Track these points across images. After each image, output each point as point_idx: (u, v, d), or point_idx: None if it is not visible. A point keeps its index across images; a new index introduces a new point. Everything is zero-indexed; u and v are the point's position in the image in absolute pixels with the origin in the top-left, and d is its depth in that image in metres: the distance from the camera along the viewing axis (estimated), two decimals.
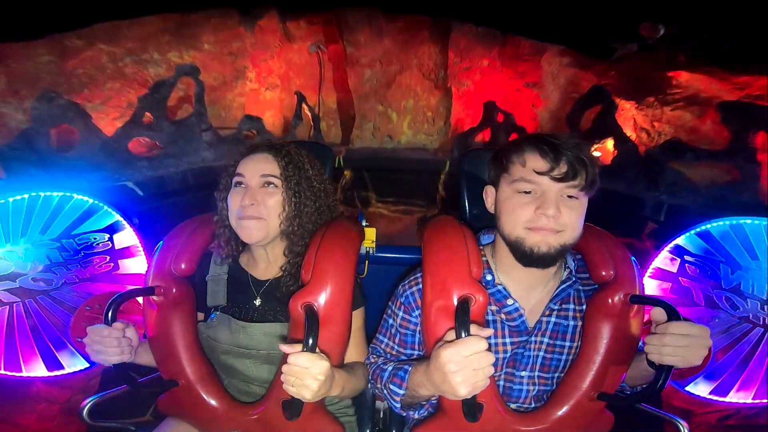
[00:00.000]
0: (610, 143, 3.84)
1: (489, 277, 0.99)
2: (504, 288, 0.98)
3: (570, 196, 0.88)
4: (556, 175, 0.86)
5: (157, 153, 3.59)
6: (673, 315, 0.83)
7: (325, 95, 5.59)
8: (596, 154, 3.62)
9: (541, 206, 0.86)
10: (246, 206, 1.01)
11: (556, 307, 0.98)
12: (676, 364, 0.82)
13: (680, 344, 0.81)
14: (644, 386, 1.02)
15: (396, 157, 5.10)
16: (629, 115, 3.84)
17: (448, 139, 5.37)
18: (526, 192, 0.89)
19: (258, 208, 1.01)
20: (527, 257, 0.89)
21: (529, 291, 0.98)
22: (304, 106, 4.84)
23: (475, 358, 0.73)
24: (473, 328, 0.76)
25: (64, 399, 1.67)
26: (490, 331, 0.78)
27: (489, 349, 0.75)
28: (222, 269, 1.11)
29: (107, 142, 3.52)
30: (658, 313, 0.86)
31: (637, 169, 3.61)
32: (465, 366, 0.73)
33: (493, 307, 0.97)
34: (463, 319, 0.77)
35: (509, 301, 0.97)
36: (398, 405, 0.95)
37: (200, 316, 1.11)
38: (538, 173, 0.87)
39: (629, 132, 3.90)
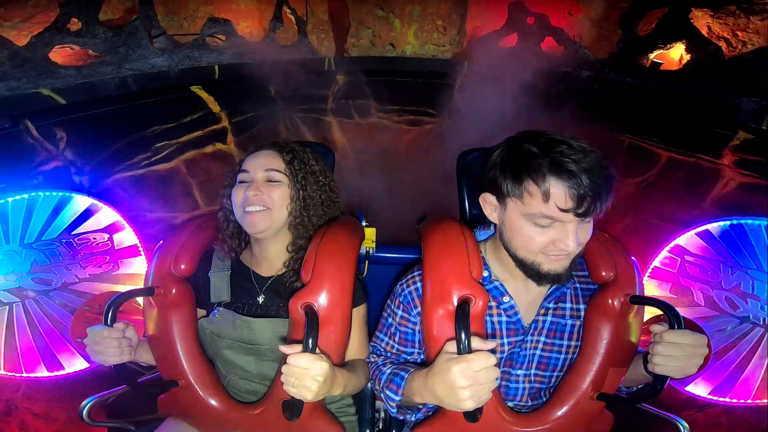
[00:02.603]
0: (676, 51, 3.20)
1: (485, 273, 0.99)
2: (501, 284, 0.98)
3: (586, 221, 0.85)
4: (581, 212, 0.80)
5: (90, 62, 2.99)
6: (672, 316, 0.83)
7: (314, 4, 4.43)
8: (657, 62, 3.15)
9: (562, 240, 0.83)
10: (250, 197, 1.02)
11: (552, 306, 0.98)
12: (671, 374, 0.83)
13: (674, 354, 0.81)
14: (641, 387, 1.02)
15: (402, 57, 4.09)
16: (702, 23, 3.10)
17: (463, 49, 4.47)
18: (544, 224, 0.83)
19: (262, 197, 1.02)
20: (541, 278, 0.89)
21: (526, 286, 0.98)
22: (286, 9, 3.90)
23: (484, 373, 0.74)
24: (477, 341, 0.76)
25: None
26: (493, 344, 0.78)
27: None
28: (225, 265, 1.12)
29: (17, 51, 2.71)
30: (656, 325, 0.86)
31: (721, 73, 2.85)
32: (475, 381, 0.73)
33: (492, 303, 0.97)
34: (462, 321, 0.76)
35: (506, 298, 0.97)
36: (394, 410, 0.95)
37: (201, 312, 1.11)
38: (563, 210, 0.80)
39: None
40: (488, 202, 0.93)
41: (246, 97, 3.30)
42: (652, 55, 3.22)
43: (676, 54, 3.24)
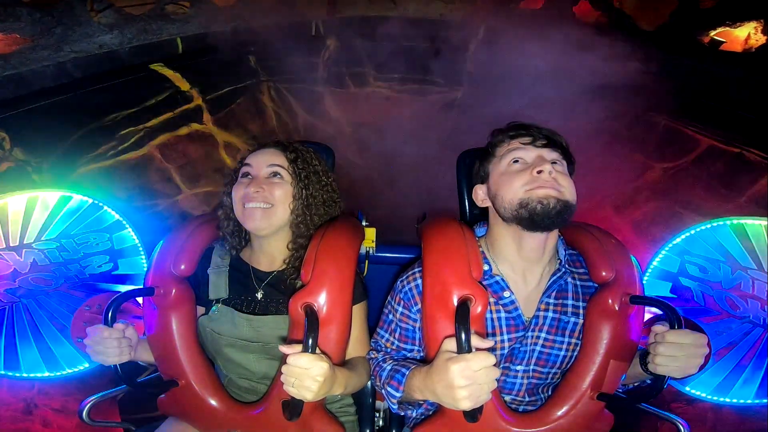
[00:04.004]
0: (743, 30, 2.84)
1: (486, 267, 0.99)
2: (502, 279, 0.98)
3: (555, 162, 0.95)
4: (539, 144, 0.96)
5: (19, 48, 2.64)
6: (673, 316, 0.83)
7: None
8: (719, 40, 2.76)
9: (537, 166, 0.92)
10: (251, 193, 1.02)
11: (552, 301, 0.99)
12: (672, 374, 0.83)
13: (675, 354, 0.81)
14: (638, 385, 1.02)
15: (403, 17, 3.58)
16: None
17: (476, 9, 3.98)
18: (516, 161, 0.96)
19: (264, 194, 1.02)
20: (538, 215, 0.89)
21: (525, 277, 0.99)
22: None
23: (483, 372, 0.74)
24: (476, 340, 0.76)
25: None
26: (490, 343, 0.78)
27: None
28: (224, 262, 1.12)
29: None
30: (657, 325, 0.86)
31: None
32: (473, 381, 0.74)
33: (492, 299, 0.97)
34: (462, 321, 0.76)
35: (506, 293, 0.98)
36: (395, 406, 0.96)
37: (201, 310, 1.11)
38: (524, 144, 0.97)
39: None
40: (478, 191, 1.06)
41: (220, 71, 3.00)
42: (713, 33, 2.83)
43: (742, 33, 2.86)
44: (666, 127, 2.70)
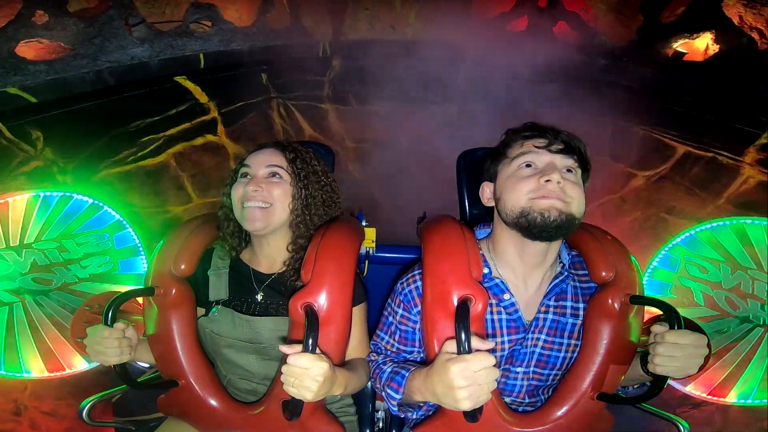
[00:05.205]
0: (702, 41, 3.07)
1: (486, 270, 0.99)
2: (502, 282, 0.98)
3: (569, 170, 0.92)
4: (554, 149, 0.91)
5: (62, 55, 2.89)
6: (673, 316, 0.83)
7: None
8: (681, 51, 2.97)
9: (545, 174, 0.89)
10: (249, 192, 1.02)
11: (552, 303, 0.98)
12: (671, 375, 0.83)
13: (674, 355, 0.81)
14: (638, 386, 1.02)
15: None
16: (734, 12, 3.00)
17: (468, 32, 4.09)
18: (527, 165, 0.92)
19: (262, 193, 1.02)
20: (537, 227, 0.88)
21: (526, 281, 0.99)
22: None
23: (483, 373, 0.74)
24: (476, 341, 0.76)
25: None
26: (490, 344, 0.78)
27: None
28: (224, 263, 1.12)
29: None
30: (656, 325, 0.86)
31: (753, 66, 2.76)
32: (473, 381, 0.73)
33: (492, 301, 0.97)
34: (462, 321, 0.76)
35: (506, 296, 0.97)
36: (395, 408, 0.95)
37: (201, 311, 1.11)
38: (538, 147, 0.92)
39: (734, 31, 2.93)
40: (485, 189, 1.03)
41: (236, 86, 3.20)
42: (675, 44, 3.01)
43: (701, 44, 3.08)
44: (645, 137, 2.80)
